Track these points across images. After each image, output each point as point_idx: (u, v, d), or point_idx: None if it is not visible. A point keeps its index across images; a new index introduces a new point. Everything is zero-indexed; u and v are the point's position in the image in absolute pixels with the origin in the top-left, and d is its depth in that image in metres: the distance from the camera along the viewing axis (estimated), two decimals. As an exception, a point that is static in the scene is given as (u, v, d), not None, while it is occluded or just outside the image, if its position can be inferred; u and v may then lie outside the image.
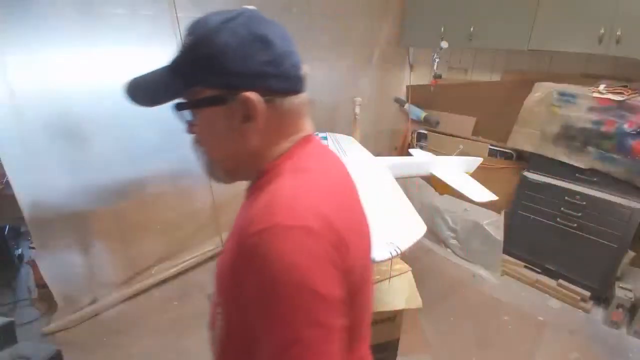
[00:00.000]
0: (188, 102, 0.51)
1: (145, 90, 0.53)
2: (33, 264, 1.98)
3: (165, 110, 0.54)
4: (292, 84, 0.51)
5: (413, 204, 1.28)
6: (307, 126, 0.57)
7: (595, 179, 2.07)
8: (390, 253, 0.99)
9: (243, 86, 0.47)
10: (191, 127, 0.54)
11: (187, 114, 0.52)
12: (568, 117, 2.08)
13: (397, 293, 1.44)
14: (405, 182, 1.53)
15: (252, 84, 0.48)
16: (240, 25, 0.48)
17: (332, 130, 2.19)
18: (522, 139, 2.32)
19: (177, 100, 0.52)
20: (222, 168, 0.56)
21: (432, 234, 2.80)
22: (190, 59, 0.49)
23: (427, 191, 2.75)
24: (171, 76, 0.51)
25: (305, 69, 0.54)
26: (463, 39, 2.41)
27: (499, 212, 2.49)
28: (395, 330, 1.64)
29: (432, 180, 1.83)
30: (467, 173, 1.80)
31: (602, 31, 1.84)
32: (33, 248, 2.00)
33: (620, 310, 1.99)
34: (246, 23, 0.48)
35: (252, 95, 0.47)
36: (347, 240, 0.45)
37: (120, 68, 1.63)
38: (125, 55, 1.73)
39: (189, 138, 0.56)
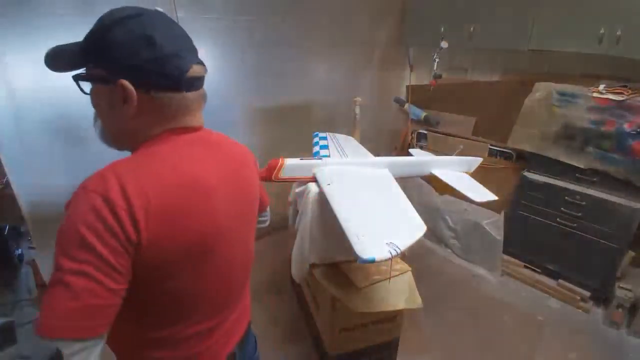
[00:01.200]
0: (80, 74, 0.60)
1: (58, 56, 0.61)
2: (33, 264, 1.98)
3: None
4: (172, 82, 0.59)
5: (413, 204, 1.27)
6: (189, 120, 0.65)
7: (595, 179, 2.07)
8: (390, 253, 0.98)
9: (123, 75, 0.56)
10: (91, 99, 0.63)
11: (84, 86, 0.62)
12: (568, 117, 2.08)
13: (397, 293, 1.44)
14: (405, 182, 1.52)
15: (131, 74, 0.57)
16: (136, 24, 0.56)
17: (332, 130, 2.19)
18: (522, 139, 2.32)
19: (77, 71, 0.61)
20: (109, 137, 0.66)
21: (432, 234, 2.80)
22: (90, 41, 0.59)
23: (427, 191, 2.75)
24: (77, 50, 0.60)
25: (196, 72, 0.62)
26: (463, 39, 2.41)
27: (499, 212, 2.49)
28: (395, 330, 1.64)
29: (432, 180, 1.83)
30: (467, 173, 1.79)
31: (602, 31, 1.84)
32: (33, 248, 1.99)
33: (620, 310, 1.99)
34: (141, 23, 0.57)
35: (126, 83, 0.56)
36: (159, 215, 0.55)
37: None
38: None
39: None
